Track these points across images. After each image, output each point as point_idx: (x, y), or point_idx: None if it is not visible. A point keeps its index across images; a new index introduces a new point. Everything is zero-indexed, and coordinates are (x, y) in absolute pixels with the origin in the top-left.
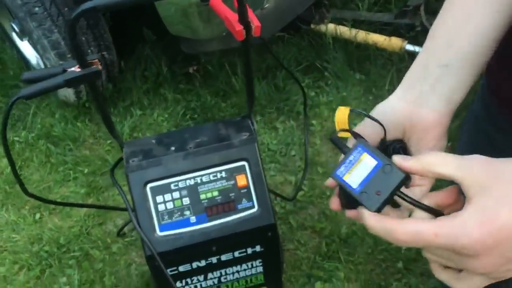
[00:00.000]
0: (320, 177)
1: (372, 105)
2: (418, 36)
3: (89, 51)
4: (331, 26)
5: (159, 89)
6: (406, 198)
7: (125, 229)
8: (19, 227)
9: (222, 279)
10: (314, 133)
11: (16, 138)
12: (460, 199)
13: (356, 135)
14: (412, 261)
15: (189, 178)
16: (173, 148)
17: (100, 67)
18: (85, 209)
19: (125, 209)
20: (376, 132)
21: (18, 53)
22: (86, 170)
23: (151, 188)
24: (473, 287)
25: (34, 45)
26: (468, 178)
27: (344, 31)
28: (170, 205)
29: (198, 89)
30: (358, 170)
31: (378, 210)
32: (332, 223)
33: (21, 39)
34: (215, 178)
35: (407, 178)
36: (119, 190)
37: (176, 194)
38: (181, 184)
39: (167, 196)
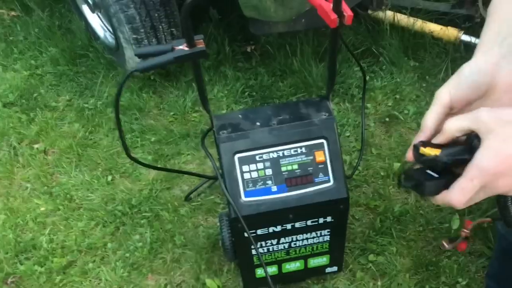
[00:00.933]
0: (374, 158)
1: (426, 92)
2: (474, 27)
3: (160, 26)
4: (389, 13)
5: (220, 67)
6: None
7: (191, 195)
8: (93, 187)
9: (292, 244)
10: (368, 116)
11: (86, 105)
12: None
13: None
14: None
15: (273, 151)
16: (258, 123)
17: (204, 46)
18: (153, 174)
19: (208, 177)
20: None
21: (86, 25)
22: (152, 139)
23: (239, 158)
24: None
25: (109, 19)
26: (480, 126)
27: (402, 18)
28: (254, 174)
29: (256, 68)
30: None
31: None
32: (386, 201)
33: (92, 12)
34: (296, 152)
35: None
36: (210, 158)
37: (260, 165)
38: (265, 156)
39: (252, 166)
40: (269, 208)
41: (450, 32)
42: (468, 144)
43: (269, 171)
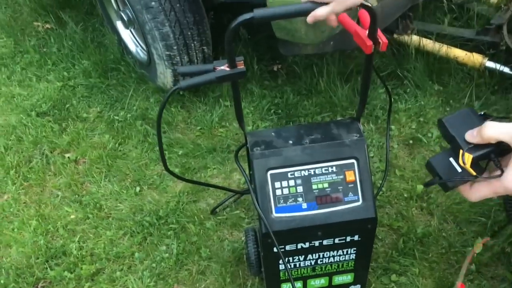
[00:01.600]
0: (397, 179)
1: None
2: (499, 54)
3: (192, 44)
4: (415, 37)
5: (247, 84)
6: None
7: (217, 209)
8: (122, 197)
9: (319, 261)
10: (392, 138)
11: (116, 117)
12: None
13: None
14: (484, 265)
15: (304, 170)
16: (291, 142)
17: (244, 67)
18: (180, 187)
19: (239, 192)
20: None
21: (118, 39)
22: (180, 152)
23: (271, 174)
24: None
25: (143, 35)
26: None
27: (427, 43)
28: (286, 191)
29: (282, 86)
30: None
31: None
32: (409, 223)
33: (126, 28)
34: (327, 171)
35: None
36: (243, 173)
37: (291, 182)
38: (296, 174)
39: (284, 183)
40: (299, 224)
41: (475, 58)
42: (497, 145)
43: (300, 189)
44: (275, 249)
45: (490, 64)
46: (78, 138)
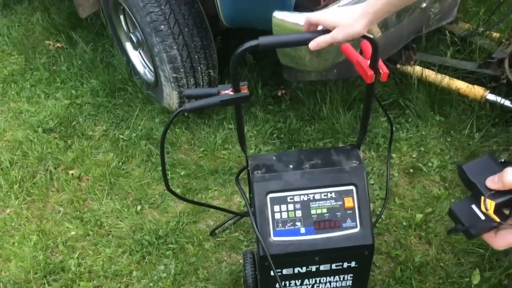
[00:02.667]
0: (397, 207)
1: (450, 147)
2: (500, 87)
3: (199, 68)
4: (417, 68)
5: (251, 108)
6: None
7: (216, 230)
8: (123, 216)
9: (315, 287)
10: (393, 166)
11: (121, 136)
12: None
13: None
14: None
15: (303, 194)
16: (291, 166)
17: (248, 92)
18: (180, 207)
19: (241, 214)
20: None
21: (127, 60)
22: (182, 172)
23: (271, 198)
24: None
25: (151, 57)
26: None
27: (429, 74)
28: (284, 215)
29: (285, 111)
30: None
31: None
32: (407, 251)
33: (135, 49)
34: (326, 197)
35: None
36: (243, 195)
37: (291, 206)
38: (296, 198)
39: (283, 207)
40: (296, 249)
41: (476, 91)
42: None
43: (299, 213)
44: (272, 273)
45: (491, 96)
46: (82, 155)
